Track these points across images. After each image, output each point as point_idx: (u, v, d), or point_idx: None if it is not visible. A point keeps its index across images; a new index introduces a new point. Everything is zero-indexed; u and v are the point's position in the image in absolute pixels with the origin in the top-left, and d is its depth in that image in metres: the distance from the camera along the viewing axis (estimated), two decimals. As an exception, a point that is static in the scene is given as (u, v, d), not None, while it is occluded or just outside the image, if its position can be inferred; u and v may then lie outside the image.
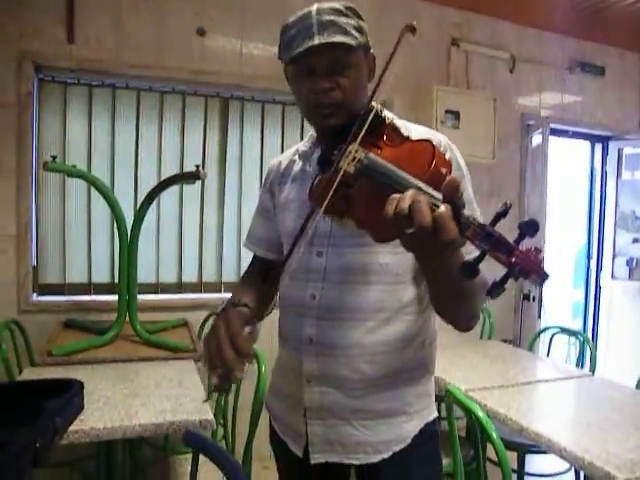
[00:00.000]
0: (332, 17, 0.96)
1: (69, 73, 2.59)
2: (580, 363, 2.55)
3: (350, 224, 0.83)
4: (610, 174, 4.29)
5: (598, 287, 4.39)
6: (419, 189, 0.70)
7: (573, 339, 2.67)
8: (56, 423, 1.22)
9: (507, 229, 0.66)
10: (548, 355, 2.66)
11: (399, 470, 1.06)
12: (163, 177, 2.74)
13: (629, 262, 4.18)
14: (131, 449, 2.17)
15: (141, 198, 2.52)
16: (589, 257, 4.45)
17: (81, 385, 1.48)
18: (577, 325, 4.57)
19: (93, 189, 2.37)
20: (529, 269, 0.60)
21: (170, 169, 2.80)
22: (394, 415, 1.06)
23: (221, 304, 1.05)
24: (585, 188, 4.47)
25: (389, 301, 1.04)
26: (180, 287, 2.91)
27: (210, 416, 1.50)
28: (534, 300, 3.50)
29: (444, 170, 0.75)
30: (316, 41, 0.94)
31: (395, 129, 0.93)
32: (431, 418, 1.11)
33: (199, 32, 2.75)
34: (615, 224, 4.27)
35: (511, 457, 2.28)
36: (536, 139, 3.68)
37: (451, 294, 0.88)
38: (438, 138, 1.01)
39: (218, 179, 2.96)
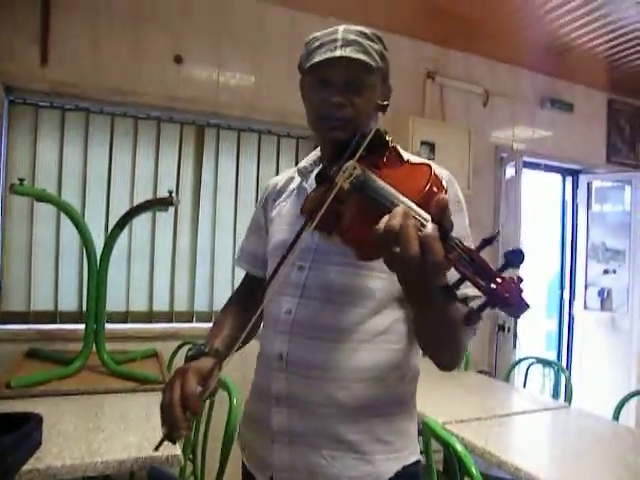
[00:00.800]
0: (357, 38, 0.99)
1: (42, 96, 2.54)
2: (555, 393, 2.54)
3: (337, 240, 0.82)
4: (581, 206, 4.38)
5: (571, 317, 4.43)
6: (409, 209, 0.69)
7: (548, 370, 2.66)
8: (7, 462, 1.13)
9: (489, 256, 0.65)
10: (525, 386, 2.64)
11: None
12: (136, 203, 2.70)
13: (600, 293, 4.24)
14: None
15: (112, 223, 2.47)
16: (562, 287, 4.51)
17: (39, 419, 1.39)
18: (551, 355, 4.59)
19: (62, 214, 2.30)
20: (509, 299, 0.58)
21: (143, 195, 2.75)
22: (368, 451, 0.99)
23: (191, 347, 1.06)
24: (558, 219, 4.56)
25: (367, 326, 1.00)
26: (150, 316, 2.82)
27: (178, 452, 1.42)
28: (509, 331, 3.51)
29: (439, 193, 0.73)
30: (337, 53, 0.97)
31: (396, 152, 0.93)
32: (411, 460, 1.04)
33: (176, 59, 2.74)
34: (587, 255, 4.35)
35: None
36: (509, 171, 3.75)
37: (434, 323, 0.85)
38: (439, 172, 0.99)
39: (192, 206, 2.92)
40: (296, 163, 3.07)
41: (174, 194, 2.15)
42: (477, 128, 3.62)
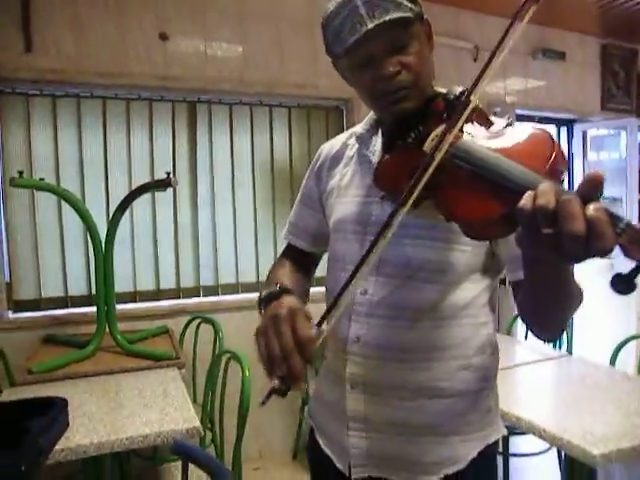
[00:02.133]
0: None
1: (30, 84, 2.53)
2: (558, 344, 2.62)
3: (426, 213, 0.74)
4: (576, 156, 4.39)
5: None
6: (535, 182, 0.58)
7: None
8: (40, 444, 1.21)
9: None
10: (526, 338, 2.72)
11: None
12: (134, 184, 2.72)
13: (599, 241, 4.29)
14: (120, 462, 2.17)
15: (113, 206, 2.51)
16: (561, 237, 4.56)
17: (65, 402, 1.47)
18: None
19: (63, 201, 2.33)
20: None
21: (141, 176, 2.78)
22: (447, 433, 0.95)
23: (262, 290, 0.88)
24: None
25: (448, 301, 0.94)
26: (158, 294, 2.89)
27: (197, 424, 1.51)
28: (509, 283, 3.57)
29: (562, 169, 0.64)
30: (370, 24, 0.83)
31: (483, 113, 0.83)
32: (493, 439, 0.98)
33: (161, 37, 2.72)
34: (584, 204, 4.38)
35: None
36: (503, 125, 3.74)
37: (552, 298, 0.77)
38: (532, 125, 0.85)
39: (190, 183, 2.95)
40: (290, 133, 3.13)
41: (171, 174, 2.18)
42: (469, 84, 3.59)
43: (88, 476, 1.65)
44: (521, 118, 3.98)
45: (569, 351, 2.37)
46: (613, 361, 2.13)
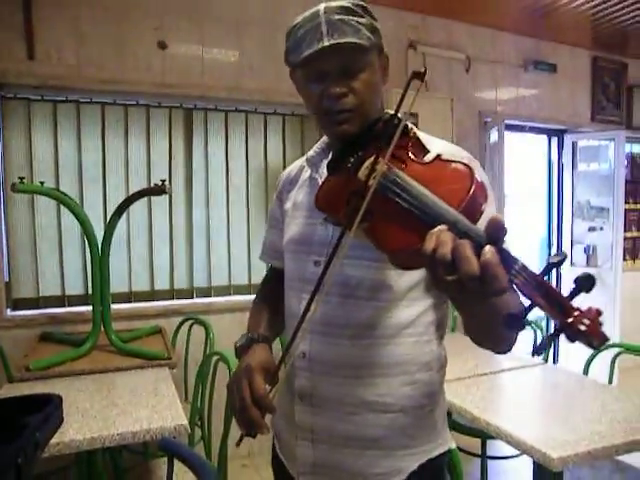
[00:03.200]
0: (342, 16, 0.90)
1: (32, 90, 2.62)
2: (546, 352, 2.69)
3: (360, 234, 0.75)
4: (566, 166, 4.48)
5: (559, 274, 4.59)
6: (456, 223, 0.62)
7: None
8: (37, 438, 1.30)
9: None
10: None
11: None
12: (131, 188, 2.83)
13: (586, 250, 4.40)
14: (111, 456, 2.26)
15: (110, 208, 2.61)
16: (550, 245, 4.66)
17: (59, 399, 1.56)
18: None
19: (62, 205, 2.42)
20: (586, 331, 0.52)
21: (138, 180, 2.87)
22: (390, 447, 0.97)
23: (240, 338, 1.04)
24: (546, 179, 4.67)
25: (391, 320, 0.96)
26: (152, 295, 2.98)
27: (184, 422, 1.60)
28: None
29: (481, 201, 0.66)
30: (326, 42, 0.88)
31: (419, 143, 0.86)
32: (435, 453, 1.01)
33: (160, 45, 2.81)
34: (572, 214, 4.48)
35: (476, 443, 2.46)
36: (494, 135, 3.84)
37: (487, 322, 0.77)
38: (461, 155, 0.92)
39: (185, 188, 3.04)
40: (283, 140, 3.22)
41: (166, 182, 2.27)
42: (460, 94, 3.70)
43: (81, 469, 1.74)
44: (513, 128, 4.08)
45: (545, 359, 2.46)
46: (586, 370, 2.22)
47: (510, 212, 5.70)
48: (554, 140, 4.52)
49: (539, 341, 0.57)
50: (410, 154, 0.81)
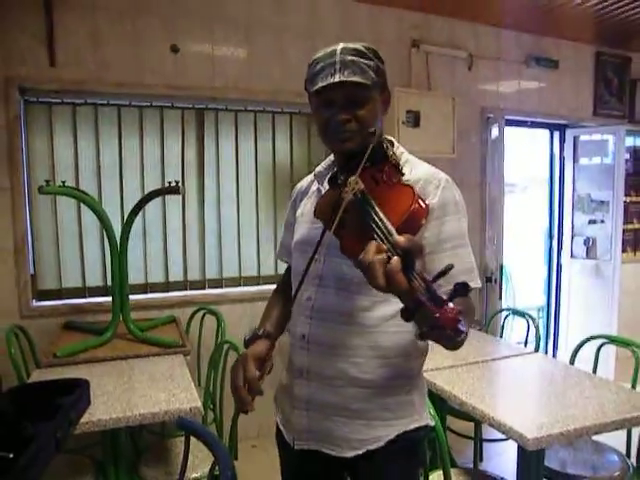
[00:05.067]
0: (354, 57, 1.10)
1: (53, 94, 2.78)
2: (537, 342, 2.83)
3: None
4: (568, 160, 4.58)
5: (559, 266, 4.71)
6: (387, 234, 0.83)
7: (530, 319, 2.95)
8: (71, 416, 1.48)
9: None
10: (501, 335, 2.96)
11: (371, 467, 1.18)
12: (146, 185, 3.00)
13: (586, 242, 4.50)
14: (132, 436, 2.45)
15: (127, 205, 2.78)
16: (551, 237, 4.78)
17: (87, 383, 1.74)
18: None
19: (83, 204, 2.58)
20: (446, 325, 0.71)
21: (152, 177, 3.04)
22: (371, 417, 1.16)
23: (248, 332, 1.24)
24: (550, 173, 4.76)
25: (376, 312, 1.14)
26: (167, 286, 3.16)
27: (199, 404, 1.77)
28: (495, 282, 3.81)
29: (421, 215, 0.89)
30: (336, 78, 1.08)
31: (396, 167, 1.05)
32: (411, 427, 1.18)
33: (173, 49, 2.95)
34: (573, 206, 4.58)
35: (470, 426, 2.62)
36: (495, 131, 3.95)
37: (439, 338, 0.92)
38: (439, 177, 1.15)
39: (197, 185, 3.19)
40: (291, 138, 3.36)
41: (179, 182, 2.43)
42: (463, 92, 3.80)
43: (106, 447, 1.92)
44: (516, 123, 4.19)
45: (536, 348, 2.60)
46: (572, 360, 2.36)
47: (514, 203, 5.81)
48: (556, 134, 4.61)
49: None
50: (384, 176, 1.01)
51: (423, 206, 0.91)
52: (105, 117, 2.94)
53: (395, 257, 0.78)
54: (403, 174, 1.05)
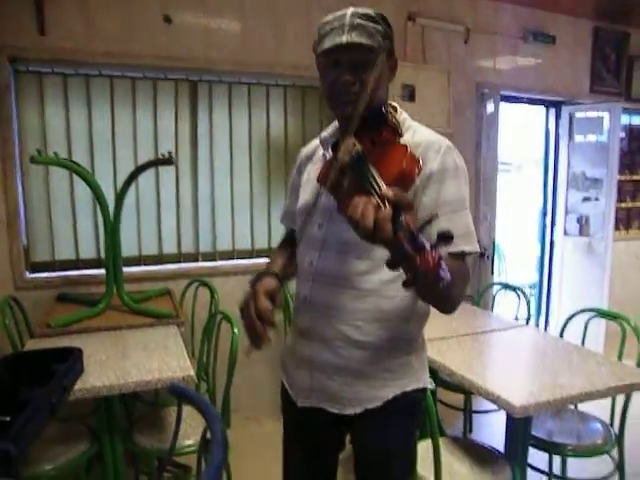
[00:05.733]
0: (362, 21, 1.11)
1: (43, 63, 2.74)
2: (528, 315, 2.86)
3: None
4: (562, 137, 4.57)
5: (552, 243, 4.74)
6: (378, 190, 0.84)
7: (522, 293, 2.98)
8: (65, 383, 1.50)
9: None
10: (492, 309, 3.00)
11: (370, 424, 1.23)
12: (139, 157, 2.98)
13: (579, 219, 4.52)
14: (127, 405, 2.48)
15: (120, 176, 2.76)
16: (544, 214, 4.79)
17: (80, 351, 1.75)
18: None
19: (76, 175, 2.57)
20: (427, 272, 0.75)
21: (145, 149, 3.02)
22: (371, 378, 1.21)
23: (255, 274, 1.25)
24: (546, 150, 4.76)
25: (376, 275, 1.17)
26: (161, 258, 3.17)
27: (192, 372, 1.80)
28: (488, 258, 3.83)
29: (413, 171, 0.91)
30: (344, 39, 1.09)
31: (393, 129, 1.04)
32: (409, 388, 1.23)
33: (165, 19, 2.90)
34: (567, 184, 4.59)
35: (460, 399, 2.66)
36: (490, 106, 3.92)
37: (419, 287, 0.95)
38: (440, 143, 1.15)
39: (191, 157, 3.17)
40: (285, 111, 3.34)
41: (172, 154, 2.41)
42: (459, 66, 3.77)
43: (100, 415, 1.94)
44: (511, 99, 4.16)
45: (527, 321, 2.63)
46: (561, 333, 2.40)
47: (509, 182, 5.80)
48: (552, 111, 4.59)
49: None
50: (382, 138, 1.01)
51: (414, 164, 0.92)
52: (97, 88, 2.90)
53: (386, 208, 0.80)
54: (401, 136, 1.05)
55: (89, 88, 2.88)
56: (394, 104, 1.24)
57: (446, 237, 0.76)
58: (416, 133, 1.19)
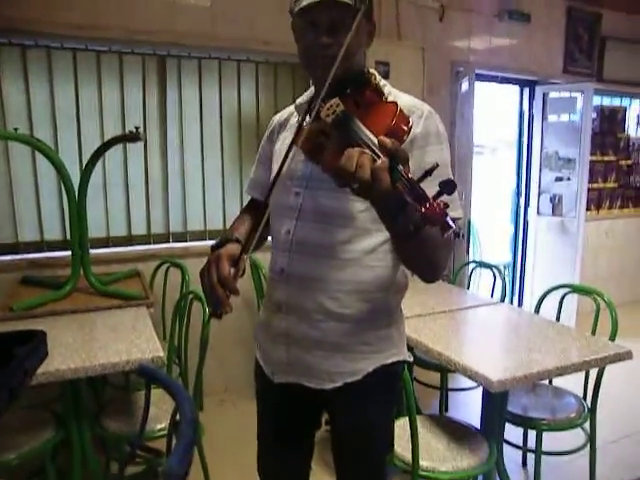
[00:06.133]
0: None
1: None
2: (503, 293, 2.86)
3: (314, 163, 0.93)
4: (536, 117, 4.58)
5: (526, 222, 4.78)
6: (371, 144, 0.81)
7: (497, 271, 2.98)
8: (26, 366, 1.42)
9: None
10: (468, 287, 3.00)
11: (349, 398, 1.19)
12: (106, 134, 2.86)
13: (552, 199, 4.56)
14: (95, 390, 2.41)
15: (85, 154, 2.65)
16: (518, 194, 4.82)
17: (44, 334, 1.67)
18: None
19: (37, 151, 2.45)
20: (434, 219, 0.72)
21: (112, 127, 2.89)
22: (350, 351, 1.17)
23: (217, 239, 1.17)
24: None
25: (356, 245, 1.14)
26: (130, 239, 3.06)
27: (161, 353, 1.73)
28: (463, 237, 3.83)
29: (404, 128, 0.87)
30: None
31: (377, 91, 1.02)
32: (389, 361, 1.20)
33: (132, -11, 2.77)
34: (541, 164, 4.62)
35: (436, 377, 2.66)
36: (465, 85, 3.90)
37: (409, 247, 0.94)
38: (422, 108, 1.13)
39: (160, 134, 3.06)
40: (257, 87, 3.25)
41: (140, 129, 2.31)
42: (433, 44, 3.72)
43: (67, 401, 1.87)
44: (485, 78, 4.14)
45: (502, 299, 2.64)
46: (537, 309, 2.40)
47: (483, 165, 5.83)
48: (526, 91, 4.60)
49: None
50: (366, 99, 0.99)
51: (406, 120, 0.88)
52: (59, 61, 2.76)
53: (382, 158, 0.77)
54: (385, 96, 1.01)
55: (51, 61, 2.74)
56: (372, 71, 1.18)
57: (449, 186, 0.73)
58: (397, 98, 1.13)
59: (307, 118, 1.13)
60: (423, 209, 0.72)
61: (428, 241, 0.89)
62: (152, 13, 2.85)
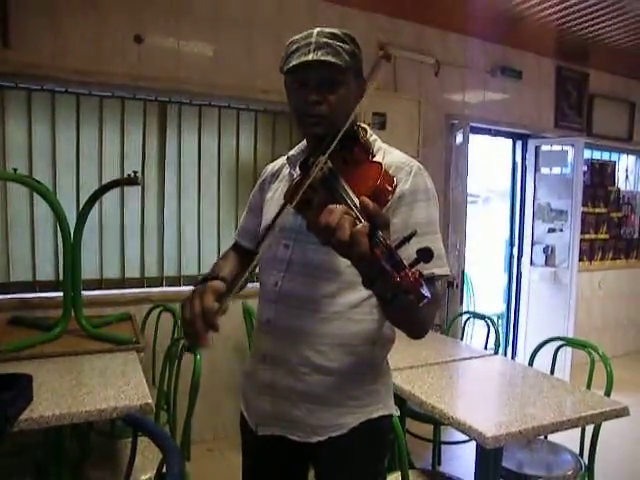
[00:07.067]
0: (329, 40, 1.09)
1: (7, 77, 2.64)
2: (497, 344, 2.84)
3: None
4: (529, 169, 4.68)
5: (519, 272, 4.80)
6: (353, 205, 0.82)
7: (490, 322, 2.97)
8: (8, 413, 1.38)
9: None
10: (462, 337, 2.97)
11: (334, 453, 1.17)
12: (104, 177, 2.89)
13: (545, 250, 4.60)
14: (79, 437, 2.33)
15: (83, 196, 2.65)
16: (511, 245, 4.86)
17: (29, 378, 1.63)
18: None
19: (35, 192, 2.46)
20: (408, 289, 0.71)
21: (111, 170, 2.93)
22: (336, 404, 1.16)
23: (200, 276, 1.16)
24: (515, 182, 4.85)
25: (342, 299, 1.14)
26: (123, 282, 3.05)
27: (149, 400, 1.69)
28: (457, 287, 3.83)
29: (388, 188, 0.89)
30: (310, 57, 1.08)
31: (365, 148, 1.05)
32: (375, 415, 1.19)
33: (136, 39, 2.86)
34: (534, 215, 4.68)
35: (429, 430, 2.60)
36: (459, 137, 3.99)
37: (392, 309, 0.93)
38: (411, 164, 1.14)
39: (158, 179, 3.10)
40: (255, 136, 3.31)
41: (138, 173, 2.34)
42: (429, 97, 3.84)
43: (49, 448, 1.81)
44: (480, 131, 4.25)
45: (495, 351, 2.61)
46: (531, 362, 2.38)
47: (476, 214, 5.90)
48: (518, 144, 4.71)
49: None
50: (354, 156, 1.01)
51: (389, 182, 0.90)
52: (62, 105, 2.82)
53: (363, 222, 0.77)
54: (373, 155, 1.04)
55: (54, 104, 2.80)
56: (364, 126, 1.22)
57: (426, 254, 0.73)
58: (387, 154, 1.17)
59: (298, 171, 1.17)
60: (398, 278, 0.71)
61: (409, 306, 0.87)
62: (157, 61, 2.93)
